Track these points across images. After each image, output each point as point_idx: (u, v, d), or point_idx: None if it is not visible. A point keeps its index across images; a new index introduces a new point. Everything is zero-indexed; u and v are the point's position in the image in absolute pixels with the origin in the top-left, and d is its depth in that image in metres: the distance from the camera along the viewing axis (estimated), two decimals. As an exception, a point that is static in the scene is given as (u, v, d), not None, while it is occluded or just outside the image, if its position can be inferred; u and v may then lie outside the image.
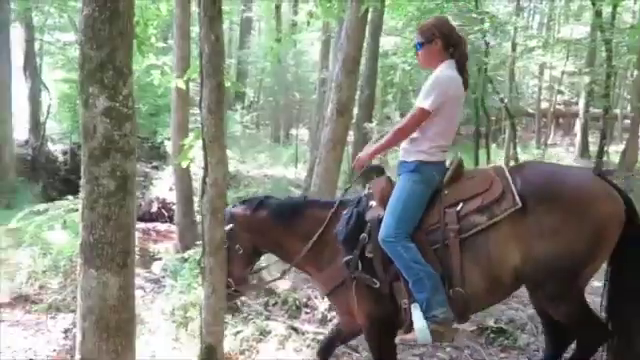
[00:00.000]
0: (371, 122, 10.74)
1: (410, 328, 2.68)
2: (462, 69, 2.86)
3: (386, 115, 14.56)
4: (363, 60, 7.18)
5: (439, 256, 2.69)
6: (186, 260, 5.94)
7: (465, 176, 2.84)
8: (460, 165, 2.89)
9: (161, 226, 9.67)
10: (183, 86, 4.26)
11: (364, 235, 2.80)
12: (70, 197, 6.71)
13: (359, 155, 3.08)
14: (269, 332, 4.23)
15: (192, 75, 2.90)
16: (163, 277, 6.70)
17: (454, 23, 3.22)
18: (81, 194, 2.50)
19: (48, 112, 12.81)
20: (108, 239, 2.46)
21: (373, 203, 2.89)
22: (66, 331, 4.98)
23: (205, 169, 1.76)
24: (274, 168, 14.03)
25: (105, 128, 2.42)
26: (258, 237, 2.90)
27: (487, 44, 11.99)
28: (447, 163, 2.91)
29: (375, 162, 3.34)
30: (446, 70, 2.84)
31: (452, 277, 2.66)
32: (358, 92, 7.05)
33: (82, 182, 2.50)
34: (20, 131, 12.11)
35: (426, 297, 2.61)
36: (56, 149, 12.99)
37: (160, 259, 7.79)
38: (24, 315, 5.60)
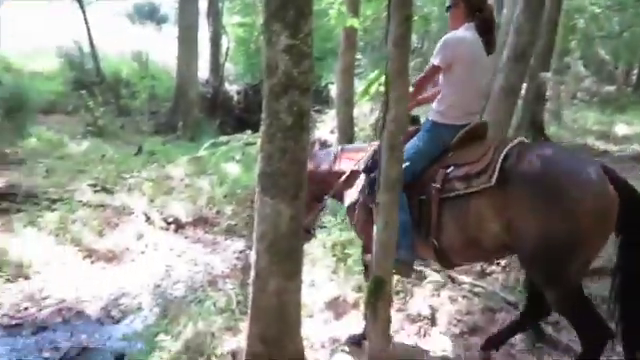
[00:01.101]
0: (547, 72, 9.78)
1: None
2: (486, 31, 2.97)
3: (566, 65, 13.15)
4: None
5: (422, 207, 2.92)
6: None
7: (478, 142, 2.93)
8: (477, 129, 3.00)
9: (321, 167, 10.11)
10: (357, 25, 4.27)
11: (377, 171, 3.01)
12: (248, 131, 7.27)
13: None
14: (425, 277, 4.24)
15: (368, 13, 2.93)
16: (322, 214, 7.06)
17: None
18: (261, 128, 2.68)
19: (226, 54, 13.84)
20: (283, 171, 2.62)
21: None
22: (241, 252, 5.54)
23: (385, 105, 1.75)
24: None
25: (286, 65, 2.53)
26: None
27: None
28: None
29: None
30: (460, 32, 2.97)
31: (429, 227, 2.88)
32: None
33: (262, 116, 2.67)
34: (202, 71, 13.29)
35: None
36: (232, 89, 14.09)
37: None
38: (204, 235, 6.35)
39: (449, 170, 2.85)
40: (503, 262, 4.49)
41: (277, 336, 2.83)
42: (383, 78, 1.80)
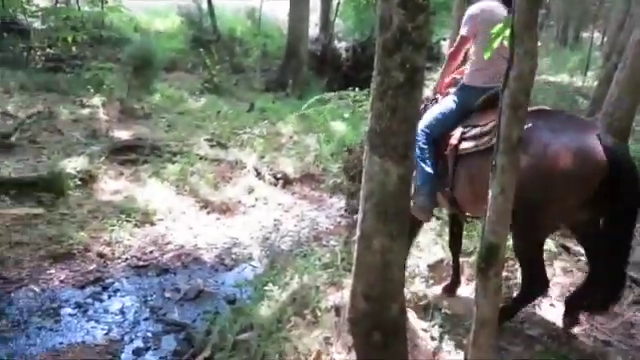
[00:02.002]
0: (697, 22, 8.55)
1: None
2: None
3: None
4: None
5: (444, 160, 3.25)
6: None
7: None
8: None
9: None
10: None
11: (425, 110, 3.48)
12: (356, 89, 7.23)
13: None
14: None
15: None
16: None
17: None
18: (372, 85, 2.63)
19: (337, 11, 13.70)
20: (393, 129, 2.56)
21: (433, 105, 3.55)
22: (345, 210, 5.60)
23: (510, 61, 1.62)
24: (558, 75, 12.64)
25: (400, 19, 2.43)
26: None
27: None
28: None
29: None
30: (481, 3, 3.24)
31: (446, 179, 3.23)
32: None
33: (374, 73, 2.60)
34: (311, 28, 13.29)
35: (416, 185, 3.29)
36: (340, 46, 13.97)
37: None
38: (310, 191, 6.50)
39: (466, 129, 3.16)
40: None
41: (380, 295, 2.84)
42: (508, 32, 1.65)
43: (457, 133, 3.17)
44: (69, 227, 4.72)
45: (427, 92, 10.58)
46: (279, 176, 6.60)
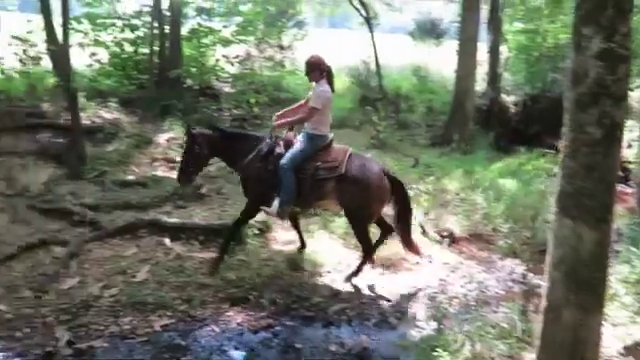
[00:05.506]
0: None
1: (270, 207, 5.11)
2: (331, 82, 5.17)
3: None
4: None
5: (304, 183, 5.00)
6: (646, 225, 5.25)
7: (334, 147, 5.18)
8: (332, 141, 5.20)
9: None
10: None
11: (271, 158, 5.10)
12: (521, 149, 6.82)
13: (278, 120, 5.35)
14: None
15: None
16: (616, 242, 6.14)
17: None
18: (562, 142, 2.45)
19: (506, 64, 13.29)
20: (588, 190, 2.34)
21: (281, 143, 5.22)
22: (521, 274, 5.17)
23: None
24: None
25: (597, 72, 2.26)
26: (214, 149, 5.26)
27: None
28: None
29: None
30: (322, 86, 5.10)
31: (307, 194, 5.04)
32: None
33: (565, 130, 2.43)
34: (477, 82, 12.99)
35: (282, 198, 5.00)
36: (508, 100, 13.41)
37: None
38: (478, 252, 6.17)
39: (318, 163, 4.98)
40: None
41: (570, 376, 2.53)
42: None
43: (312, 166, 4.96)
44: (246, 273, 5.05)
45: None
46: (445, 234, 6.40)
